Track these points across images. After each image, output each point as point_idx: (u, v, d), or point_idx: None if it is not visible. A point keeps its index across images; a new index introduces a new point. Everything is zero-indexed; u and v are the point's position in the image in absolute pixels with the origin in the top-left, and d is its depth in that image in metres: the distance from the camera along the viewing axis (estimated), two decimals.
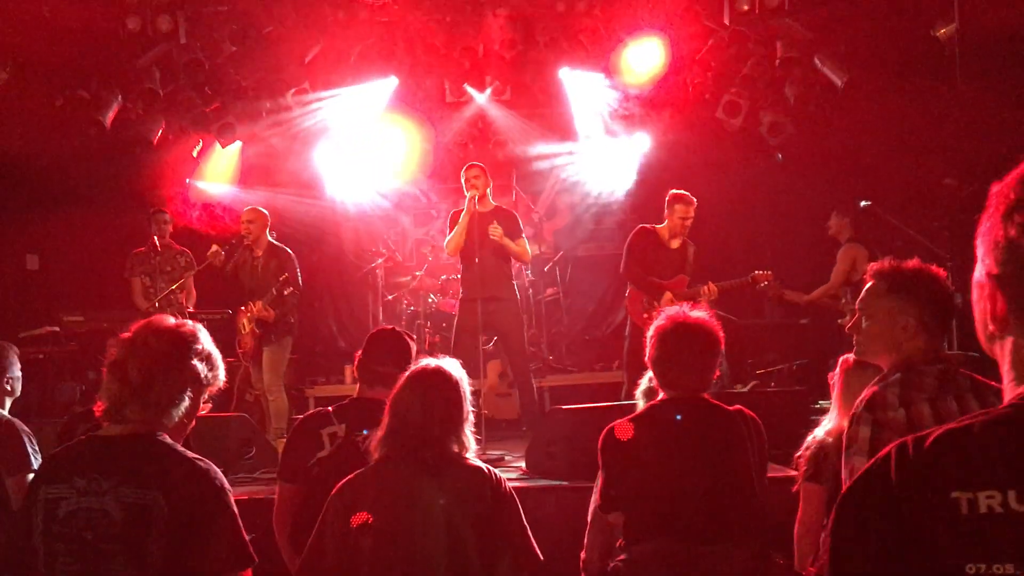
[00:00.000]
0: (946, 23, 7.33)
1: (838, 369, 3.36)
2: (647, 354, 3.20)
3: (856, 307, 2.75)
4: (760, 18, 7.94)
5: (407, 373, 2.87)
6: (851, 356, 3.30)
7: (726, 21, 8.03)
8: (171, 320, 2.40)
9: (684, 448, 3.05)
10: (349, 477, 2.76)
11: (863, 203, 7.32)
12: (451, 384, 2.83)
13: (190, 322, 2.44)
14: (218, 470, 2.27)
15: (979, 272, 1.15)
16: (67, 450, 2.35)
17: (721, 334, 3.18)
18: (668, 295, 6.64)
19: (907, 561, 1.04)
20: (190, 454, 2.27)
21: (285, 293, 6.71)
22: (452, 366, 2.89)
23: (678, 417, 3.09)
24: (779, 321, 8.75)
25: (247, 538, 2.25)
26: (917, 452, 1.09)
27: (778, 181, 9.51)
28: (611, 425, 3.20)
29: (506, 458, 5.96)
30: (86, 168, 8.57)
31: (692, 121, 9.25)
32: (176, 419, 2.32)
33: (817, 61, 8.25)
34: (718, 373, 3.26)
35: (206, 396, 2.43)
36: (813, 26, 8.16)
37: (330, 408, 3.47)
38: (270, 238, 7.12)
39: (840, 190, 8.37)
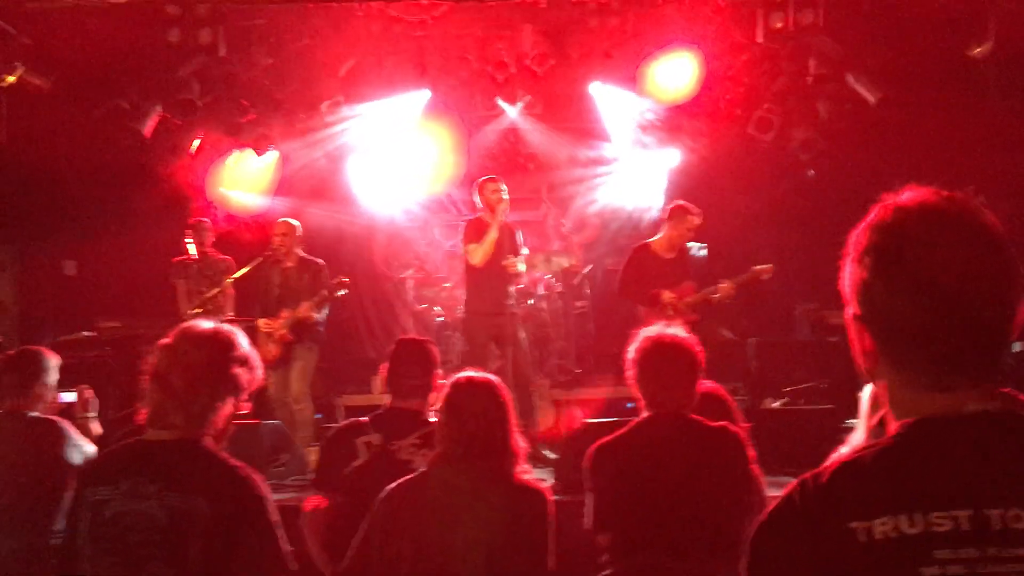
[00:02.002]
0: (981, 42, 7.29)
1: (872, 388, 3.35)
2: (630, 375, 3.21)
3: None
4: (793, 35, 7.93)
5: (458, 382, 2.90)
6: None
7: (759, 38, 8.02)
8: (208, 325, 2.41)
9: (668, 466, 3.06)
10: (399, 482, 2.80)
11: None
12: (503, 397, 2.88)
13: (226, 325, 2.46)
14: (261, 478, 2.30)
15: (847, 313, 1.25)
16: (112, 453, 2.41)
17: (700, 350, 3.19)
18: (667, 294, 6.61)
19: None
20: (233, 461, 2.30)
21: (338, 295, 6.94)
22: (494, 378, 2.93)
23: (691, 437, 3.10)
24: (808, 339, 8.70)
25: (287, 548, 2.27)
26: (816, 486, 1.18)
27: (809, 198, 9.47)
28: (596, 445, 3.22)
29: (534, 471, 5.98)
30: (124, 176, 8.71)
31: (723, 137, 9.24)
32: (219, 425, 2.36)
33: (850, 78, 8.23)
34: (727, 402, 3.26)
35: (245, 396, 2.45)
36: (846, 43, 8.14)
37: (366, 418, 3.52)
38: (300, 251, 7.21)
39: (871, 208, 8.30)
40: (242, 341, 2.43)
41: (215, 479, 2.23)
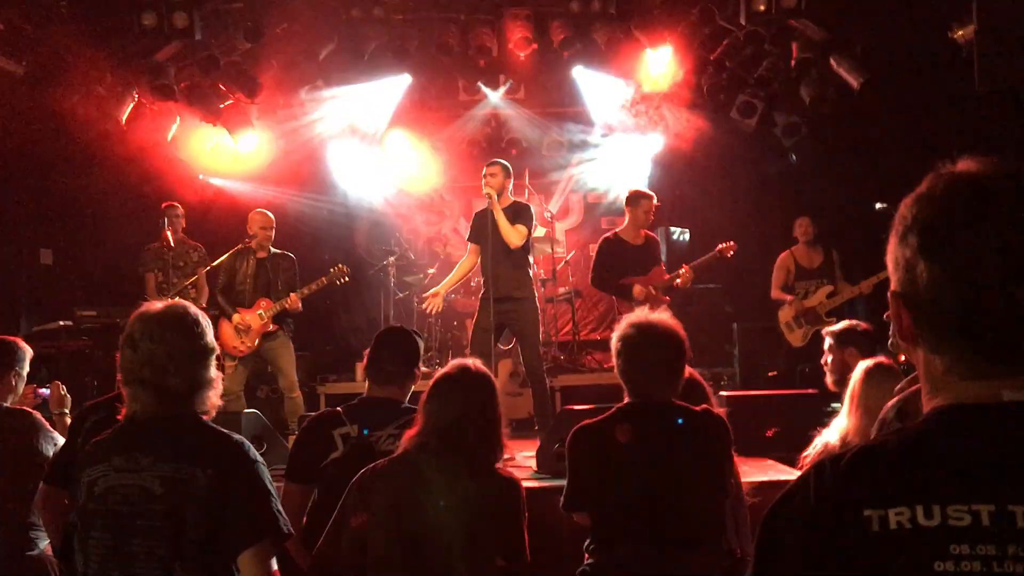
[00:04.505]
0: (964, 24, 7.26)
1: (857, 373, 3.34)
2: (615, 362, 3.17)
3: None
4: (776, 18, 7.89)
5: (447, 371, 2.89)
6: (870, 362, 3.28)
7: (742, 21, 7.98)
8: (160, 305, 2.44)
9: (650, 451, 3.03)
10: (369, 467, 2.77)
11: (878, 205, 7.29)
12: (490, 388, 2.87)
13: (178, 301, 2.50)
14: (251, 444, 2.34)
15: (889, 288, 1.19)
16: (107, 435, 2.43)
17: (684, 335, 3.15)
18: (638, 287, 6.89)
19: None
20: (224, 431, 2.35)
21: (338, 283, 7.11)
22: (486, 369, 2.91)
23: (680, 421, 3.05)
24: None
25: (282, 512, 2.30)
26: (833, 471, 1.12)
27: (792, 182, 9.47)
28: (579, 426, 3.18)
29: (516, 457, 5.95)
30: (101, 163, 8.60)
31: (706, 121, 9.22)
32: (205, 395, 2.40)
33: (833, 62, 8.21)
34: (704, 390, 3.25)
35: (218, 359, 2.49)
36: (829, 27, 8.12)
37: (339, 408, 3.46)
38: (271, 244, 7.21)
39: (854, 192, 8.32)
40: (194, 311, 2.46)
41: (208, 447, 2.27)
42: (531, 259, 6.83)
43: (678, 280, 6.96)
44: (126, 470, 2.23)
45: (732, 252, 7.14)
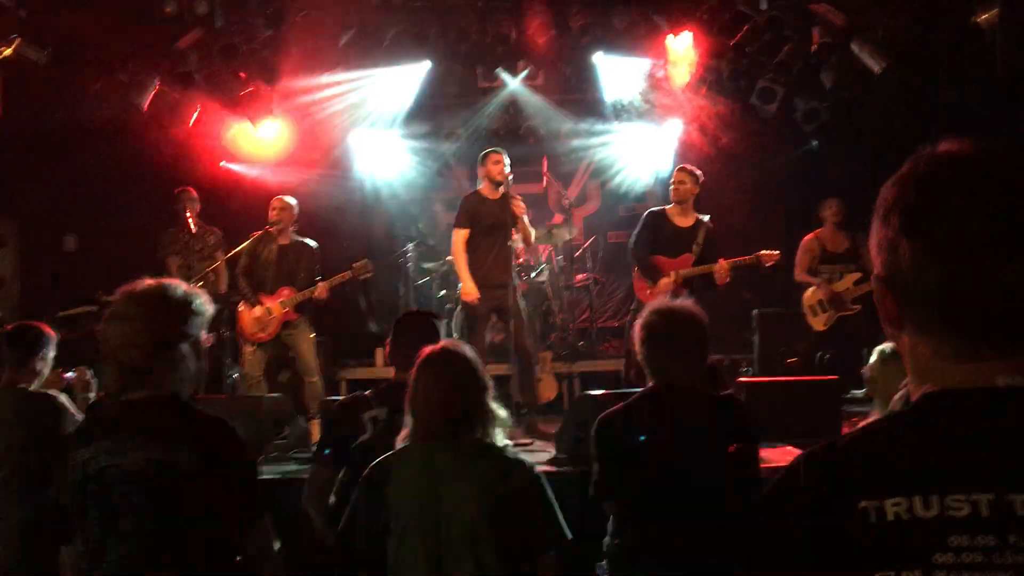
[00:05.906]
0: (986, 8, 7.20)
1: (872, 359, 3.35)
2: (637, 351, 3.19)
3: None
4: (796, 2, 7.84)
5: (427, 354, 2.88)
6: (885, 347, 3.29)
7: (762, 6, 7.93)
8: (149, 283, 2.40)
9: (674, 437, 3.06)
10: (382, 458, 2.80)
11: None
12: (465, 363, 2.84)
13: (169, 284, 2.44)
14: (236, 426, 2.35)
15: (873, 273, 1.17)
16: (95, 416, 2.48)
17: (706, 321, 3.17)
18: (664, 280, 6.70)
19: (820, 570, 1.03)
20: (210, 413, 2.37)
21: (360, 278, 7.04)
22: (463, 346, 2.91)
23: (642, 438, 3.08)
24: None
25: (264, 495, 2.41)
26: (826, 461, 1.10)
27: (813, 168, 9.42)
28: (603, 416, 3.21)
29: (536, 442, 5.99)
30: (123, 150, 8.67)
31: (726, 107, 9.18)
32: (189, 377, 2.40)
33: (854, 47, 8.14)
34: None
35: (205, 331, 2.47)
36: (851, 11, 8.05)
37: (368, 392, 3.50)
38: (294, 230, 7.16)
39: (875, 178, 8.26)
40: (180, 292, 2.42)
41: (195, 429, 2.30)
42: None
43: (714, 274, 6.60)
44: (114, 452, 2.26)
45: (772, 263, 6.76)
